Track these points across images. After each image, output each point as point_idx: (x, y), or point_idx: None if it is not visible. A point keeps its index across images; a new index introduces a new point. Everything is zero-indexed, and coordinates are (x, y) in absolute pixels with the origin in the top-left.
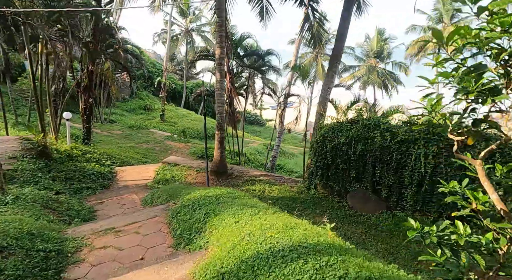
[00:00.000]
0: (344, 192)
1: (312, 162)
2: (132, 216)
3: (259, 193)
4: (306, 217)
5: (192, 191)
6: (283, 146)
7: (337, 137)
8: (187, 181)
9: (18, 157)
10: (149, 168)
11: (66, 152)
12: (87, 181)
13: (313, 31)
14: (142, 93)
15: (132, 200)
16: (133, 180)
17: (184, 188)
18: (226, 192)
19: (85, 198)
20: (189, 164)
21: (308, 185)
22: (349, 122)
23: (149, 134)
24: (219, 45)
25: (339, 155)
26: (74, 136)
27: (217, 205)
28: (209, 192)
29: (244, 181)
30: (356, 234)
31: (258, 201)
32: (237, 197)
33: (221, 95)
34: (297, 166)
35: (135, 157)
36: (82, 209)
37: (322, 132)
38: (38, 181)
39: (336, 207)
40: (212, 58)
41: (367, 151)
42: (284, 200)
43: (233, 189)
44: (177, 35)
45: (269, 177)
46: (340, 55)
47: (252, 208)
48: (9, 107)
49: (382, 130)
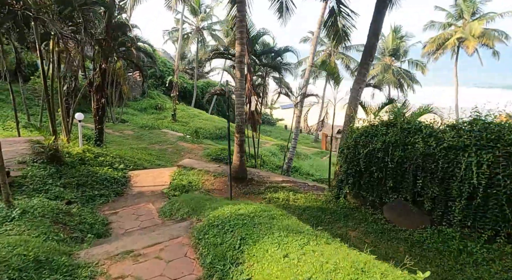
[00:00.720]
0: (379, 203)
1: (341, 168)
2: (151, 236)
3: (283, 202)
4: (338, 231)
5: (218, 205)
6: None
7: (372, 142)
8: (205, 187)
9: (28, 162)
10: (164, 172)
11: (78, 155)
12: (100, 188)
13: (338, 26)
14: (153, 92)
15: (149, 211)
16: (148, 185)
17: (207, 199)
18: (260, 209)
19: (98, 207)
20: (206, 168)
21: (337, 194)
22: (384, 126)
23: (161, 134)
24: (240, 42)
25: (374, 162)
26: (86, 136)
27: (253, 227)
28: (240, 208)
29: (266, 188)
30: (399, 253)
31: (301, 223)
32: (275, 217)
33: (241, 95)
34: (313, 169)
35: (148, 159)
36: (95, 221)
37: (354, 136)
38: (49, 189)
39: (371, 219)
40: (228, 56)
41: (407, 158)
42: (311, 210)
43: (267, 206)
44: (187, 33)
45: (291, 184)
46: (373, 51)
47: (298, 234)
48: (21, 107)
49: (424, 135)
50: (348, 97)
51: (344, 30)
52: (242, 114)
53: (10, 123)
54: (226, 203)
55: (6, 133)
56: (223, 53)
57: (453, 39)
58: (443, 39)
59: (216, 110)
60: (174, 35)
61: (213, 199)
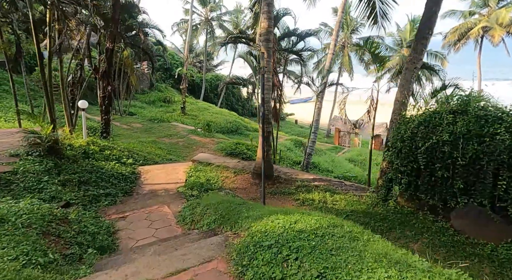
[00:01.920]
0: (442, 207)
1: (391, 165)
2: (173, 256)
3: (320, 204)
4: (396, 243)
5: (259, 213)
6: (306, 142)
7: (435, 133)
8: (226, 185)
9: (22, 155)
10: (178, 167)
11: (82, 148)
12: (106, 185)
13: (375, 3)
14: (161, 85)
15: (164, 215)
16: (161, 183)
17: (239, 203)
18: (327, 223)
19: (103, 210)
20: (224, 163)
21: (385, 195)
22: (451, 114)
23: (171, 127)
24: (267, 16)
25: (437, 158)
26: (92, 129)
27: (330, 255)
28: (296, 221)
29: (297, 188)
30: (486, 276)
31: (398, 248)
32: (356, 237)
33: (268, 80)
34: (332, 165)
35: (158, 153)
36: (99, 230)
37: (411, 126)
38: (44, 188)
39: (435, 229)
40: (246, 40)
41: (484, 153)
42: (356, 215)
43: (333, 217)
44: (196, 25)
45: (325, 182)
46: (433, 21)
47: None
48: (26, 98)
49: (508, 124)
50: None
51: (382, 8)
52: (269, 101)
53: (13, 115)
54: (270, 211)
55: (8, 125)
56: (241, 36)
57: (477, 28)
58: (466, 28)
59: (225, 104)
60: (182, 27)
61: (247, 204)
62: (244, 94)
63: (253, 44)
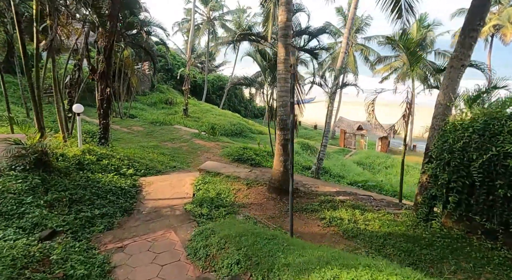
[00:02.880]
0: (503, 232)
1: (433, 179)
2: None
3: (350, 225)
4: (452, 278)
5: (307, 263)
6: (313, 144)
7: (494, 143)
8: (239, 200)
9: (3, 170)
10: (184, 179)
11: (76, 158)
12: (102, 203)
13: None
14: (163, 86)
15: (171, 245)
16: (165, 198)
17: (268, 238)
18: None
19: (97, 237)
20: (234, 173)
21: (426, 215)
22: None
23: (174, 131)
24: (286, 8)
25: (499, 173)
26: (90, 133)
27: None
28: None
29: (320, 203)
30: None
31: None
32: None
33: (286, 80)
34: (343, 170)
35: (161, 159)
36: (90, 272)
37: (462, 135)
38: (25, 212)
39: (498, 260)
40: (256, 39)
41: None
42: (395, 239)
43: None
44: (198, 24)
45: (351, 197)
46: (487, 10)
47: None
48: (21, 101)
49: None
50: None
51: (408, 0)
52: (287, 104)
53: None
54: (318, 257)
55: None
56: (251, 34)
57: (488, 27)
58: None
59: (227, 105)
60: (183, 27)
61: (278, 238)
62: (246, 95)
63: (264, 42)
